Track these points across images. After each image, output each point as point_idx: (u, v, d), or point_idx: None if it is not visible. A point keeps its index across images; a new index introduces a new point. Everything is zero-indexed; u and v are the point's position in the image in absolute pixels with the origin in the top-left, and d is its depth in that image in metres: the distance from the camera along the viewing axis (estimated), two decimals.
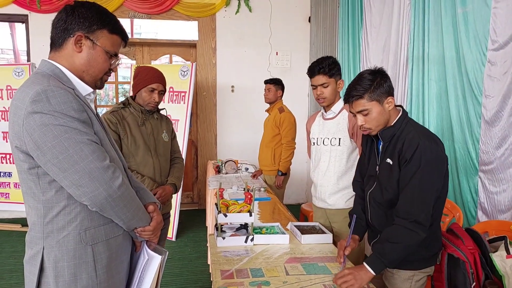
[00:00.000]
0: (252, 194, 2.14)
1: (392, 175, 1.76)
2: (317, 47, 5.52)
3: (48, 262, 1.26)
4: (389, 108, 1.78)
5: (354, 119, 1.86)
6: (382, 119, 1.78)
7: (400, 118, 1.79)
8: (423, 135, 1.72)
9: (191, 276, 3.58)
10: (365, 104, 1.75)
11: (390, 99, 1.78)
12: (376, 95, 1.74)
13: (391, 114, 1.79)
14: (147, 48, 5.68)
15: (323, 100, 2.42)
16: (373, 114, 1.76)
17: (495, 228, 2.19)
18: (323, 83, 2.38)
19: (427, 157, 1.65)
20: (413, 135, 1.72)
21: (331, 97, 2.41)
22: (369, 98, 1.74)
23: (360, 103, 1.76)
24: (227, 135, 5.83)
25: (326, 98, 2.40)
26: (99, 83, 1.42)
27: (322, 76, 2.37)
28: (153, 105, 2.39)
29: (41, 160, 1.20)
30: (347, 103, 1.84)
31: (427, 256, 1.83)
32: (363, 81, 1.76)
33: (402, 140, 1.74)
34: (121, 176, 1.27)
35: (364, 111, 1.76)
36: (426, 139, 1.69)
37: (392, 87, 1.80)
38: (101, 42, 1.36)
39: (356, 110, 1.78)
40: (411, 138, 1.71)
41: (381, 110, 1.76)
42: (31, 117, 1.18)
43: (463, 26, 2.64)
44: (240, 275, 1.72)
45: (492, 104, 2.45)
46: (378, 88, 1.74)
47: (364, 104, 1.75)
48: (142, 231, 1.40)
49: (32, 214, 1.29)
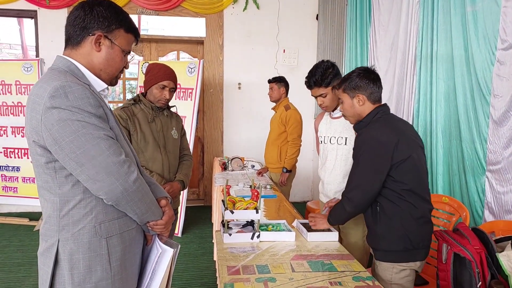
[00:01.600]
0: (258, 191, 2.15)
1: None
2: (324, 45, 5.51)
3: (63, 254, 1.28)
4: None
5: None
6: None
7: (370, 114, 2.00)
8: (373, 128, 1.95)
9: (197, 272, 3.60)
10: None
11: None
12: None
13: (364, 109, 2.02)
14: (154, 45, 5.69)
15: (325, 108, 2.48)
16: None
17: (502, 228, 2.19)
18: (321, 94, 2.42)
19: (364, 144, 1.92)
20: (366, 128, 1.97)
21: (332, 104, 2.44)
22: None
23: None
24: (234, 132, 5.84)
25: (328, 106, 2.45)
26: (114, 81, 1.45)
27: (317, 88, 2.41)
28: (164, 102, 2.40)
29: (59, 155, 1.23)
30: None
31: (403, 249, 1.90)
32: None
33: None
34: (136, 171, 1.30)
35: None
36: (372, 130, 1.94)
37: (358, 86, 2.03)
38: (119, 42, 1.38)
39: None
40: (363, 131, 1.98)
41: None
42: (49, 112, 1.20)
43: (472, 25, 2.63)
44: (247, 271, 1.73)
45: (501, 103, 2.44)
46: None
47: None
48: (155, 224, 1.43)
49: (47, 207, 1.31)
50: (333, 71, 2.40)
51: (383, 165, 1.86)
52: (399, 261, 1.92)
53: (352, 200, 1.95)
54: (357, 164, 1.95)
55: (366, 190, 1.90)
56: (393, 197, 1.89)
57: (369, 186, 1.90)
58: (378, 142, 1.88)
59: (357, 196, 1.93)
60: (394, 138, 1.85)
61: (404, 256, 1.92)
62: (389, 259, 1.94)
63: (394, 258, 1.93)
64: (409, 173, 1.86)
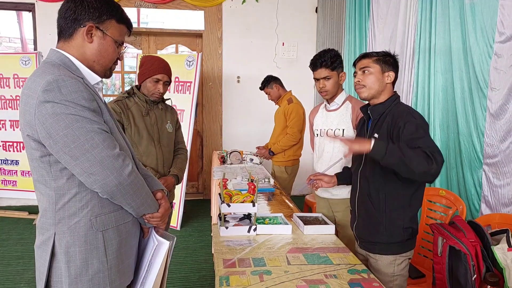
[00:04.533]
0: (255, 185, 2.16)
1: None
2: (323, 38, 5.49)
3: (59, 248, 1.29)
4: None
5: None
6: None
7: (391, 98, 1.92)
8: (414, 110, 1.87)
9: (195, 265, 3.62)
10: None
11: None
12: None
13: (385, 91, 1.92)
14: (153, 38, 5.67)
15: (326, 93, 2.44)
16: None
17: (498, 221, 2.19)
18: (326, 76, 2.40)
19: (423, 122, 1.79)
20: (400, 109, 1.87)
21: (333, 89, 2.42)
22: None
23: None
24: (233, 126, 5.84)
25: (329, 91, 2.42)
26: (109, 73, 1.45)
27: (325, 69, 2.39)
28: (158, 96, 2.39)
29: (53, 149, 1.23)
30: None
31: (405, 240, 1.88)
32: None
33: (391, 115, 1.86)
34: (131, 164, 1.30)
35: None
36: (413, 111, 1.85)
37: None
38: (111, 32, 1.38)
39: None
40: (400, 111, 1.85)
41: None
42: (43, 106, 1.20)
43: (470, 17, 2.62)
44: (242, 264, 1.74)
45: (498, 97, 2.44)
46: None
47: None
48: (151, 217, 1.44)
49: (43, 200, 1.32)
50: (340, 58, 2.44)
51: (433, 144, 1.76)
52: (401, 251, 1.90)
53: (441, 162, 1.65)
54: (426, 136, 1.74)
55: (440, 152, 1.69)
56: (399, 186, 1.83)
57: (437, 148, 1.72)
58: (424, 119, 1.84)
59: (441, 159, 1.66)
60: None
61: (405, 245, 1.90)
62: (392, 251, 1.90)
63: (397, 250, 1.90)
64: None
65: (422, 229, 2.64)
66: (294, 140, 3.88)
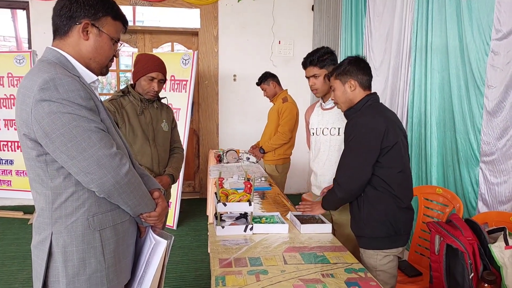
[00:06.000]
0: (252, 184, 2.14)
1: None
2: (320, 36, 5.48)
3: (56, 247, 1.28)
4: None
5: None
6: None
7: (361, 101, 2.03)
8: (363, 114, 1.98)
9: (191, 264, 3.60)
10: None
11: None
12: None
13: (356, 97, 2.05)
14: (148, 36, 5.64)
15: (316, 91, 2.47)
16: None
17: (495, 219, 2.18)
18: (314, 74, 2.42)
19: (355, 130, 1.95)
20: (357, 114, 2.00)
21: (323, 88, 2.43)
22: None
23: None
24: (229, 125, 5.82)
25: (318, 89, 2.45)
26: (105, 70, 1.44)
27: (313, 67, 2.42)
28: (152, 94, 2.36)
29: (49, 148, 1.22)
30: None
31: (388, 236, 1.96)
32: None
33: (352, 121, 2.02)
34: (128, 163, 1.30)
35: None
36: (363, 116, 1.96)
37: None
38: (107, 29, 1.37)
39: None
40: (353, 117, 2.01)
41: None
42: (39, 105, 1.19)
43: (467, 15, 2.61)
44: (239, 264, 1.72)
45: (495, 94, 2.43)
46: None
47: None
48: (148, 216, 1.44)
49: (40, 200, 1.31)
50: (331, 56, 2.44)
51: (373, 151, 1.91)
52: (383, 247, 1.99)
53: (343, 186, 1.99)
54: (348, 150, 1.99)
55: (357, 176, 1.94)
56: (377, 183, 1.95)
57: (359, 171, 1.93)
58: (368, 128, 1.91)
59: (348, 182, 1.97)
60: (383, 125, 1.91)
61: (387, 242, 1.98)
62: (373, 246, 2.00)
63: (378, 245, 1.99)
64: (396, 159, 1.93)
65: (419, 228, 2.63)
66: (284, 139, 3.89)
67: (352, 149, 1.97)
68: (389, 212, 1.95)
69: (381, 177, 1.94)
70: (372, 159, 1.91)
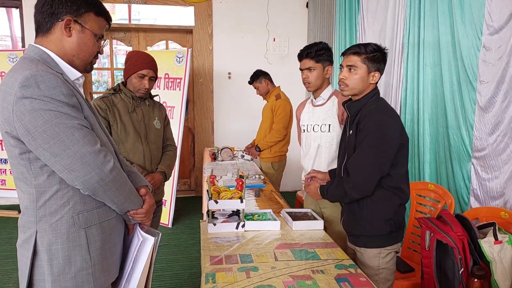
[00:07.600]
0: (243, 181, 2.14)
1: (351, 144, 1.93)
2: (314, 33, 5.47)
3: (41, 246, 1.27)
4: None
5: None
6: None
7: (368, 94, 1.93)
8: (380, 110, 1.87)
9: (186, 262, 3.61)
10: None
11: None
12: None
13: (367, 89, 1.94)
14: (143, 34, 5.62)
15: (308, 85, 2.44)
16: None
17: (485, 214, 2.19)
18: (309, 67, 2.41)
19: (375, 128, 1.81)
20: (371, 109, 1.87)
21: (316, 82, 2.41)
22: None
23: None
24: (224, 122, 5.81)
25: (311, 83, 2.42)
26: (89, 67, 1.43)
27: (309, 60, 2.40)
28: (143, 92, 2.35)
29: (32, 145, 1.21)
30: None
31: (389, 233, 1.91)
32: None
33: (361, 114, 1.90)
34: (112, 160, 1.28)
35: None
36: (380, 113, 1.85)
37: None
38: (89, 25, 1.35)
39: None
40: (368, 111, 1.87)
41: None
42: (20, 102, 1.17)
43: (458, 10, 2.61)
44: (229, 261, 1.72)
45: (487, 89, 2.43)
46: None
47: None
48: (135, 213, 1.43)
49: (24, 198, 1.30)
50: (328, 52, 2.43)
51: (391, 151, 1.82)
52: (385, 245, 1.93)
53: (359, 186, 1.86)
54: (368, 147, 1.83)
55: (373, 175, 1.83)
56: (385, 182, 1.88)
57: (377, 173, 1.83)
58: (388, 125, 1.82)
59: (365, 183, 1.84)
60: (399, 124, 1.87)
61: (389, 239, 1.93)
62: (375, 244, 1.93)
63: (381, 243, 1.93)
64: (406, 157, 1.91)
65: (411, 224, 2.64)
66: (279, 136, 3.89)
67: (372, 146, 1.81)
68: (393, 209, 1.90)
69: (391, 174, 1.86)
70: (392, 156, 1.82)
